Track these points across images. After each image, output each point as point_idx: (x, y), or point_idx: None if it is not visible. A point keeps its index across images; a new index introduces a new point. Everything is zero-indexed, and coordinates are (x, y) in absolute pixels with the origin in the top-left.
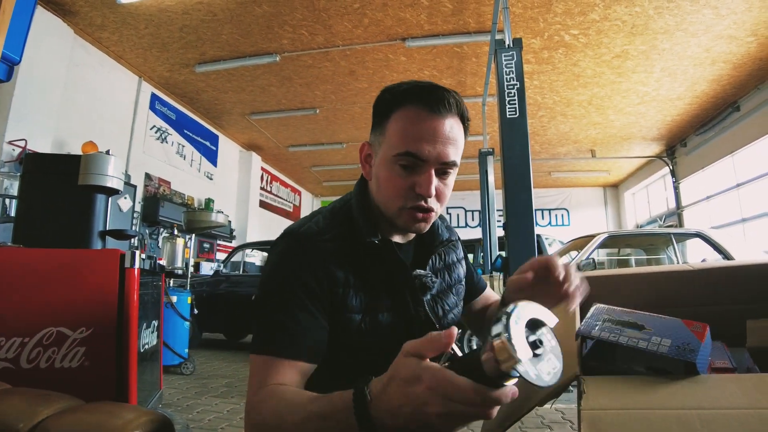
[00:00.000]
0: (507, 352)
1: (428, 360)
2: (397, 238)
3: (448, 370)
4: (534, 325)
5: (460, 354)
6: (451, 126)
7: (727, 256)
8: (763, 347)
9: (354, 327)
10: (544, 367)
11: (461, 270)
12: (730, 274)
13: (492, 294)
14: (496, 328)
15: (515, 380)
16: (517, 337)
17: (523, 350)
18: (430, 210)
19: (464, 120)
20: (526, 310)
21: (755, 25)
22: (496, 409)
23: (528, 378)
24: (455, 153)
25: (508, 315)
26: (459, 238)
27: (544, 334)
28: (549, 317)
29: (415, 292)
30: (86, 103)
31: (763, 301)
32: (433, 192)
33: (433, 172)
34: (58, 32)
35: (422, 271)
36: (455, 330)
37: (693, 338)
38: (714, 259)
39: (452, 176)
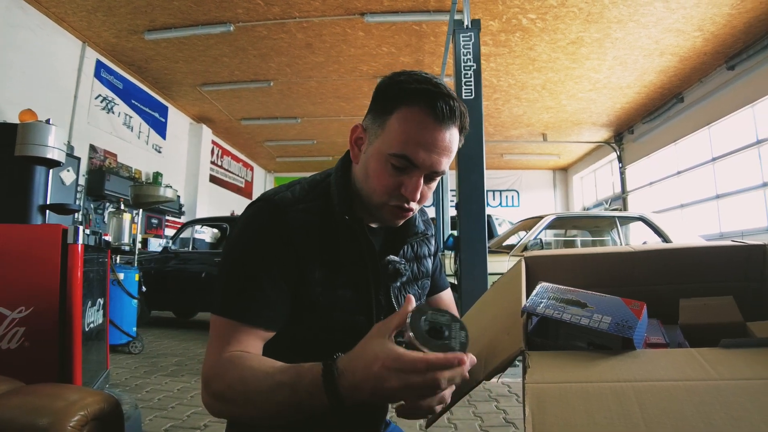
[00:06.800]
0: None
1: (391, 339)
2: (370, 222)
3: (400, 348)
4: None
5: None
6: (451, 137)
7: (665, 239)
8: (694, 324)
9: (312, 300)
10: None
11: (430, 264)
12: (667, 256)
13: (449, 301)
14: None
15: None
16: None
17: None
18: (410, 210)
19: (462, 131)
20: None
21: (702, 20)
22: (449, 390)
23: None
24: (447, 163)
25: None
26: (434, 234)
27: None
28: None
29: (378, 276)
30: (24, 68)
31: (695, 281)
32: (418, 197)
33: (422, 178)
34: None
35: (395, 257)
36: (412, 299)
37: (631, 316)
38: (654, 242)
39: (437, 181)
